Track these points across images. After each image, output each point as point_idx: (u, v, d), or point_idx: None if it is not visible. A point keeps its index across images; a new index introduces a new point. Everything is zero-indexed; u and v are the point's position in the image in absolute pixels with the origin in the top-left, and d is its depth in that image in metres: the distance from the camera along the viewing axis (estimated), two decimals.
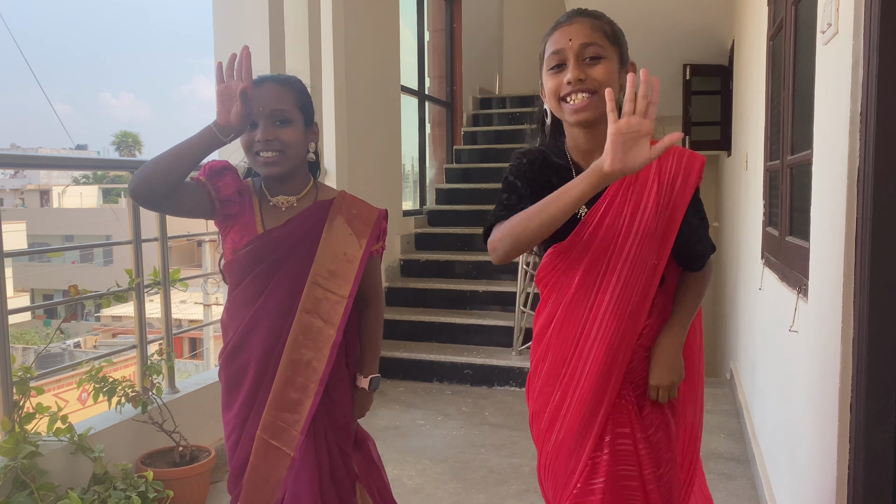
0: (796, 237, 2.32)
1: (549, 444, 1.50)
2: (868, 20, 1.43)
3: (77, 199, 32.35)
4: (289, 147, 1.56)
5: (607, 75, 1.32)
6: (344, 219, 1.65)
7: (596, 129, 1.36)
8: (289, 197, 1.64)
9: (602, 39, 1.34)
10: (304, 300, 1.60)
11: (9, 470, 2.20)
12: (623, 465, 1.42)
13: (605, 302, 1.38)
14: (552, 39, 1.36)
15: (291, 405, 1.60)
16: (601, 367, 1.40)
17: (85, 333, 21.85)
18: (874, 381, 1.46)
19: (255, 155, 1.55)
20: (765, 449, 2.94)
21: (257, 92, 1.50)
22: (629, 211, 1.36)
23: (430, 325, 5.00)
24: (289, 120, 1.56)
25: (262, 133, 1.53)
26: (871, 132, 1.42)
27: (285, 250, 1.60)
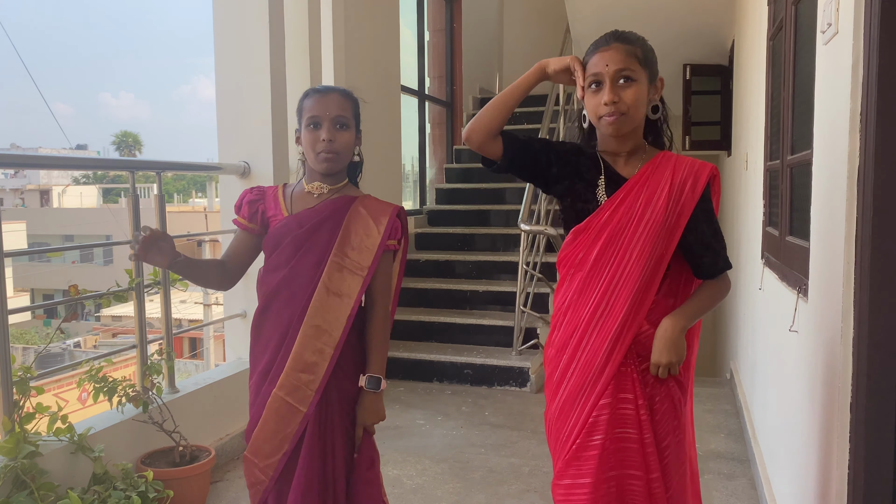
0: (796, 237, 2.32)
1: (554, 402, 1.67)
2: (868, 20, 1.43)
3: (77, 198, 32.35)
4: (345, 149, 1.81)
5: (636, 97, 1.55)
6: (366, 210, 1.83)
7: (624, 137, 1.61)
8: (322, 184, 1.83)
9: (634, 64, 1.55)
10: (326, 274, 1.76)
11: (9, 470, 2.20)
12: (623, 427, 1.57)
13: (615, 279, 1.58)
14: (592, 62, 1.57)
15: (308, 367, 1.75)
16: (608, 337, 1.58)
17: (85, 333, 21.86)
18: (874, 381, 1.46)
19: (317, 154, 1.77)
20: (765, 448, 2.94)
21: (323, 100, 1.79)
22: (642, 204, 1.57)
23: (431, 325, 5.00)
24: (347, 126, 1.81)
25: (326, 134, 1.76)
26: (871, 132, 1.42)
27: (309, 228, 1.78)
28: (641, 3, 4.83)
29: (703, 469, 3.17)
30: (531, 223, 4.77)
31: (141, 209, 2.94)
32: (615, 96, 1.52)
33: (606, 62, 1.53)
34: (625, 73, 1.53)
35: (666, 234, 1.56)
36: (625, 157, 1.63)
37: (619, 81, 1.53)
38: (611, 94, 1.52)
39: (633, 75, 1.54)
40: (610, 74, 1.53)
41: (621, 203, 1.58)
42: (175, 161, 3.30)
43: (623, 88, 1.53)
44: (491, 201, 6.30)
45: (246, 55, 3.53)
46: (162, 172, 3.11)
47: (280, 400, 1.76)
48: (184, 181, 40.78)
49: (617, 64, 1.53)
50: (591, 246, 1.60)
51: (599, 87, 1.55)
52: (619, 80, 1.53)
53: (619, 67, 1.53)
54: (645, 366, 1.60)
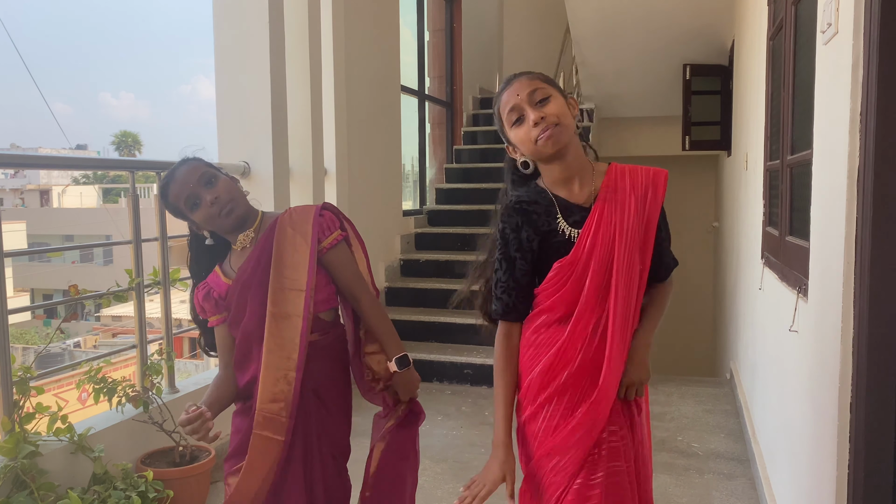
0: (796, 237, 2.32)
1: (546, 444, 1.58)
2: (868, 20, 1.43)
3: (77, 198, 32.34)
4: (231, 195, 1.76)
5: (560, 108, 1.51)
6: (288, 226, 1.80)
7: (565, 159, 1.54)
8: (246, 233, 1.81)
9: (542, 84, 1.53)
10: (271, 304, 1.75)
11: (9, 470, 2.20)
12: (616, 461, 1.53)
13: (612, 308, 1.51)
14: (503, 101, 1.55)
15: (275, 396, 1.74)
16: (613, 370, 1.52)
17: (85, 333, 21.84)
18: (874, 381, 1.46)
19: (213, 218, 1.74)
20: (765, 449, 2.94)
21: (178, 183, 1.75)
22: (616, 222, 1.52)
23: (430, 325, 5.00)
24: (211, 179, 1.76)
25: (208, 197, 1.72)
26: (870, 132, 1.42)
27: (249, 274, 1.77)
28: (641, 4, 4.82)
29: (702, 469, 3.17)
30: None
31: (141, 209, 2.94)
32: (541, 113, 1.49)
33: (517, 92, 1.51)
34: (538, 94, 1.50)
35: (641, 248, 1.54)
36: (577, 183, 1.56)
37: (536, 103, 1.50)
38: (534, 112, 1.49)
39: (547, 93, 1.51)
40: (525, 99, 1.50)
41: (598, 227, 1.52)
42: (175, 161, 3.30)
43: (543, 106, 1.50)
44: (491, 201, 6.21)
45: (246, 55, 3.53)
46: (162, 172, 3.10)
47: (260, 438, 1.74)
48: None
49: (526, 88, 1.51)
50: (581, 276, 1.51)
51: (522, 119, 1.52)
52: (535, 102, 1.50)
53: (529, 90, 1.50)
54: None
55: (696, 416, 3.87)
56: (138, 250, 2.90)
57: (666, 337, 8.48)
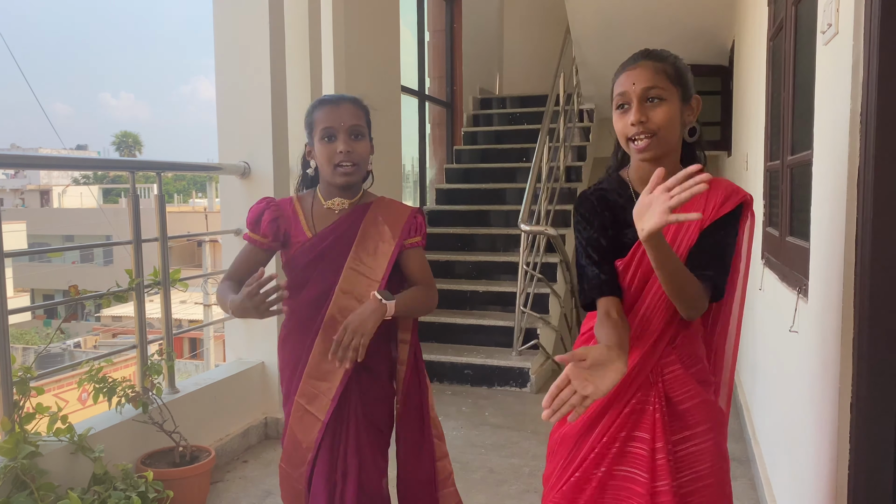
0: (796, 237, 2.32)
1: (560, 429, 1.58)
2: (868, 20, 1.43)
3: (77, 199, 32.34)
4: (362, 159, 1.77)
5: (667, 116, 1.42)
6: (380, 216, 1.83)
7: (659, 163, 1.45)
8: (343, 200, 1.82)
9: (664, 81, 1.43)
10: (343, 281, 1.76)
11: (9, 470, 2.20)
12: (629, 466, 1.47)
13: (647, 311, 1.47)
14: (618, 82, 1.47)
15: (325, 374, 1.77)
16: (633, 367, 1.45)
17: (85, 333, 21.84)
18: (874, 382, 1.46)
19: (334, 167, 1.73)
20: (765, 449, 2.94)
21: (336, 110, 1.75)
22: (672, 233, 1.45)
23: (430, 325, 5.00)
24: (363, 135, 1.77)
25: (343, 146, 1.72)
26: (871, 132, 1.42)
27: (329, 243, 1.78)
28: (641, 4, 4.82)
29: None
30: (531, 223, 4.77)
31: (141, 209, 2.94)
32: (642, 115, 1.41)
33: (633, 80, 1.43)
34: (653, 92, 1.41)
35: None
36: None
37: (646, 101, 1.42)
38: (637, 113, 1.41)
39: (662, 94, 1.42)
40: (637, 93, 1.41)
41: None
42: (175, 161, 3.30)
43: (652, 108, 1.41)
44: (491, 201, 6.31)
45: (246, 56, 3.53)
46: (162, 173, 3.11)
47: (301, 408, 1.79)
48: (184, 181, 40.80)
49: (644, 82, 1.42)
50: (628, 282, 1.48)
51: (626, 108, 1.44)
52: (646, 100, 1.41)
53: (646, 85, 1.41)
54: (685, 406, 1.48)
55: None
56: (138, 251, 2.90)
57: None
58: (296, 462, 1.83)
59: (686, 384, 1.49)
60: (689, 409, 1.49)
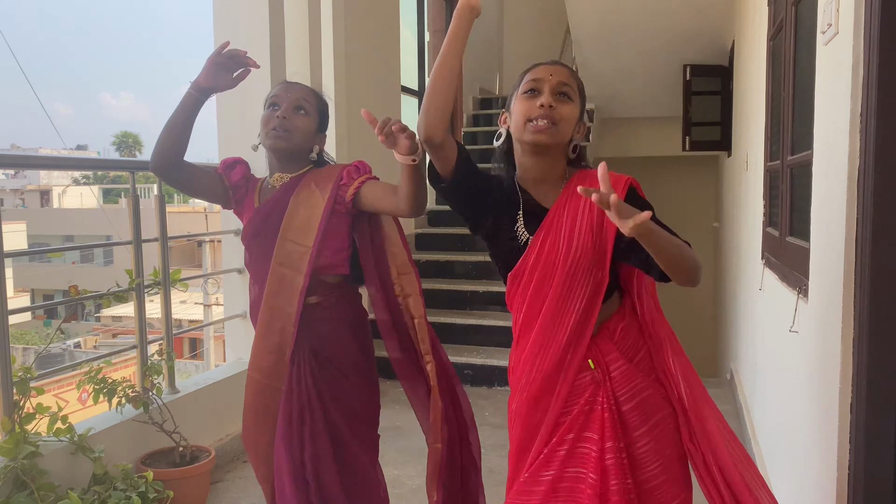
0: (796, 237, 2.32)
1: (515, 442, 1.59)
2: (868, 20, 1.43)
3: (77, 199, 32.34)
4: (298, 130, 1.79)
5: (571, 115, 1.48)
6: (314, 182, 1.84)
7: (544, 158, 1.52)
8: (283, 175, 1.86)
9: (574, 87, 1.50)
10: (276, 254, 1.80)
11: (9, 470, 2.20)
12: (578, 467, 1.47)
13: (551, 318, 1.49)
14: (533, 71, 1.52)
15: (273, 346, 1.80)
16: (546, 375, 1.50)
17: (85, 334, 21.84)
18: (874, 382, 1.46)
19: (268, 132, 1.78)
20: (765, 449, 2.94)
21: (286, 86, 1.82)
22: (566, 234, 1.48)
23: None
24: (307, 112, 1.81)
25: (281, 112, 1.77)
26: (871, 132, 1.42)
27: (265, 213, 1.83)
28: (641, 4, 4.82)
29: None
30: None
31: (141, 209, 2.94)
32: (553, 101, 1.45)
33: (550, 73, 1.48)
34: (566, 89, 1.48)
35: (598, 257, 1.46)
36: (547, 187, 1.53)
37: (558, 93, 1.47)
38: (549, 97, 1.45)
39: (571, 94, 1.48)
40: (552, 83, 1.47)
41: (545, 238, 1.49)
42: None
43: (561, 101, 1.47)
44: None
45: None
46: None
47: (258, 381, 1.83)
48: None
49: (560, 76, 1.48)
50: (524, 289, 1.51)
51: (535, 94, 1.47)
52: (558, 93, 1.47)
53: (562, 80, 1.48)
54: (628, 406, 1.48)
55: None
56: (138, 251, 2.90)
57: None
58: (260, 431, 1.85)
59: (633, 379, 1.49)
60: (639, 405, 1.48)
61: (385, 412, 1.98)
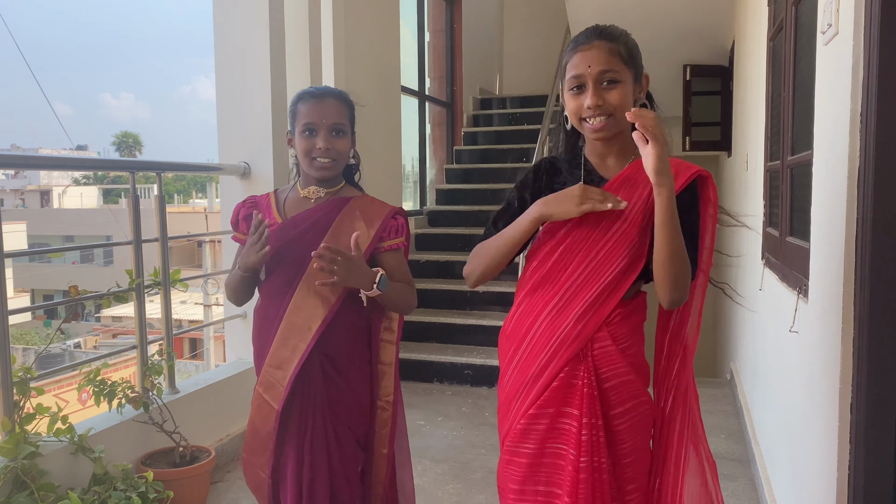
0: (797, 237, 2.32)
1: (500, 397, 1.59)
2: (868, 20, 1.43)
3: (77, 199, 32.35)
4: (341, 155, 1.78)
5: (622, 98, 1.43)
6: (357, 211, 1.81)
7: (612, 140, 1.50)
8: (319, 189, 1.82)
9: (618, 64, 1.43)
10: (309, 271, 1.73)
11: (9, 470, 2.20)
12: (558, 442, 1.47)
13: (579, 277, 1.46)
14: (572, 63, 1.46)
15: (281, 362, 1.76)
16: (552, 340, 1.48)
17: (85, 334, 21.84)
18: (874, 382, 1.46)
19: (312, 159, 1.76)
20: (765, 449, 2.93)
21: (319, 106, 1.75)
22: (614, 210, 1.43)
23: (431, 326, 5.00)
24: (344, 132, 1.78)
25: (322, 143, 1.74)
26: (871, 132, 1.42)
27: (302, 229, 1.77)
28: (641, 4, 4.82)
29: None
30: None
31: (141, 209, 2.94)
32: (599, 99, 1.41)
33: (588, 63, 1.41)
34: (608, 76, 1.41)
35: (641, 240, 1.44)
36: (613, 159, 1.52)
37: (602, 83, 1.42)
38: (594, 97, 1.41)
39: (617, 76, 1.42)
40: (593, 76, 1.41)
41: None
42: (175, 162, 3.30)
43: (607, 90, 1.42)
44: (491, 201, 6.30)
45: (246, 56, 3.53)
46: (162, 173, 3.11)
47: (259, 396, 1.79)
48: (184, 182, 40.80)
49: (599, 64, 1.41)
50: (559, 241, 1.49)
51: (581, 90, 1.44)
52: (602, 83, 1.42)
53: (602, 69, 1.41)
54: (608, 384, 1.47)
55: None
56: (138, 251, 2.90)
57: None
58: (256, 450, 1.82)
59: (615, 361, 1.47)
60: (614, 387, 1.48)
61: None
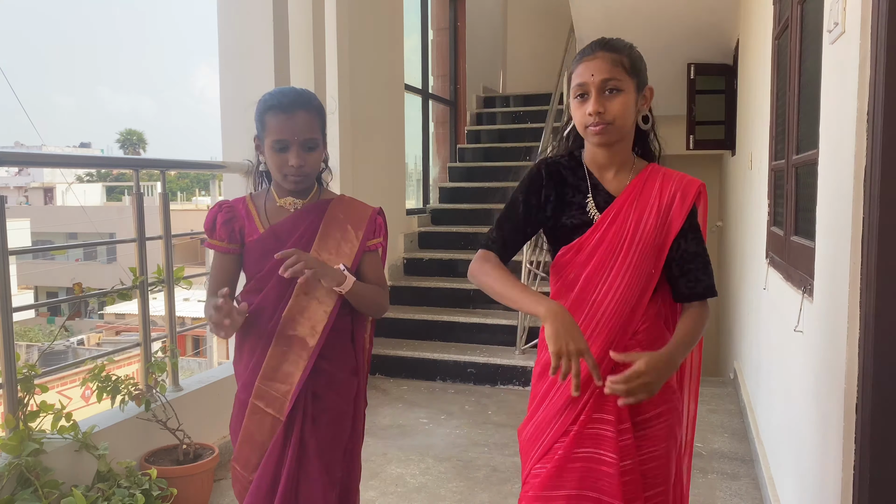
0: (801, 237, 2.32)
1: (533, 419, 1.64)
2: (875, 19, 1.43)
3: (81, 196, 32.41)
4: (313, 168, 1.74)
5: (624, 107, 1.50)
6: (341, 214, 1.79)
7: (612, 149, 1.56)
8: (296, 199, 1.78)
9: (621, 73, 1.50)
10: (302, 283, 1.69)
11: (13, 467, 2.20)
12: (597, 448, 1.51)
13: (605, 301, 1.52)
14: (577, 72, 1.53)
15: (284, 377, 1.74)
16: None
17: (89, 331, 21.90)
18: (880, 382, 1.45)
19: (284, 175, 1.71)
20: (769, 449, 2.93)
21: (290, 122, 1.67)
22: (633, 222, 1.52)
23: (434, 324, 5.00)
24: (316, 146, 1.72)
25: (295, 160, 1.68)
26: (877, 132, 1.42)
27: (289, 244, 1.72)
28: (646, 2, 4.82)
29: (706, 469, 3.16)
30: None
31: (145, 207, 2.94)
32: (600, 106, 1.48)
33: (592, 72, 1.49)
34: (611, 84, 1.48)
35: (655, 252, 1.52)
36: (613, 171, 1.58)
37: (605, 92, 1.48)
38: (596, 104, 1.48)
39: (619, 85, 1.49)
40: (595, 84, 1.48)
41: (613, 221, 1.53)
42: (179, 159, 3.31)
43: (609, 99, 1.49)
44: (494, 200, 6.30)
45: (250, 54, 3.53)
46: (166, 171, 3.11)
47: (259, 410, 1.75)
48: (187, 179, 40.88)
49: (602, 73, 1.48)
50: (582, 265, 1.54)
51: (585, 98, 1.51)
52: (604, 91, 1.48)
53: (604, 77, 1.48)
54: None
55: (699, 416, 3.84)
56: (142, 248, 2.90)
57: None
58: (252, 466, 1.78)
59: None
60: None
61: (388, 410, 1.98)
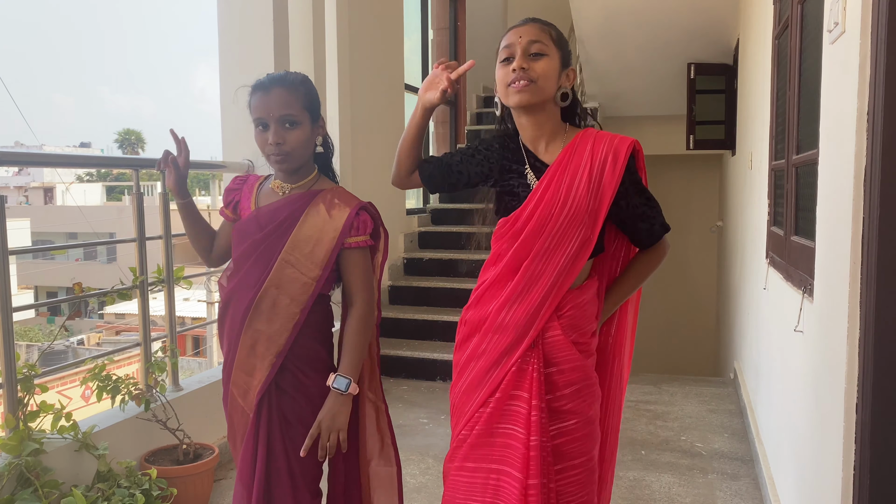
0: (801, 237, 2.32)
1: (458, 386, 1.71)
2: (875, 19, 1.43)
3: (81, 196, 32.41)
4: (295, 148, 1.68)
5: (547, 70, 1.53)
6: (325, 206, 1.72)
7: (536, 117, 1.59)
8: (284, 184, 1.75)
9: (547, 40, 1.54)
10: (273, 275, 1.68)
11: (13, 467, 2.20)
12: (510, 424, 1.56)
13: (535, 270, 1.55)
14: (505, 38, 1.58)
15: (251, 370, 1.71)
16: (514, 330, 1.57)
17: (88, 331, 21.91)
18: (880, 382, 1.45)
19: (268, 155, 1.71)
20: (769, 449, 2.93)
21: (266, 98, 1.66)
22: (564, 189, 1.54)
23: (433, 324, 5.00)
24: (296, 122, 1.67)
25: (272, 136, 1.66)
26: (878, 131, 1.42)
27: (268, 230, 1.70)
28: (646, 3, 4.81)
29: (706, 469, 3.16)
30: None
31: (145, 207, 2.94)
32: (525, 63, 1.51)
33: (520, 35, 1.53)
34: (536, 47, 1.52)
35: (590, 218, 1.52)
36: (545, 143, 1.61)
37: (530, 54, 1.52)
38: (521, 60, 1.51)
39: (545, 50, 1.53)
40: (522, 44, 1.52)
41: (545, 191, 1.54)
42: None
43: (534, 60, 1.52)
44: None
45: (250, 53, 3.53)
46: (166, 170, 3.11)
47: (234, 399, 1.75)
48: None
49: (529, 36, 1.52)
50: (517, 234, 1.56)
51: (510, 60, 1.54)
52: (530, 52, 1.52)
53: (531, 38, 1.52)
54: (556, 370, 1.57)
55: (699, 416, 3.86)
56: (142, 248, 2.90)
57: (669, 336, 8.49)
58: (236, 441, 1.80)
59: (564, 349, 1.56)
60: (562, 371, 1.57)
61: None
